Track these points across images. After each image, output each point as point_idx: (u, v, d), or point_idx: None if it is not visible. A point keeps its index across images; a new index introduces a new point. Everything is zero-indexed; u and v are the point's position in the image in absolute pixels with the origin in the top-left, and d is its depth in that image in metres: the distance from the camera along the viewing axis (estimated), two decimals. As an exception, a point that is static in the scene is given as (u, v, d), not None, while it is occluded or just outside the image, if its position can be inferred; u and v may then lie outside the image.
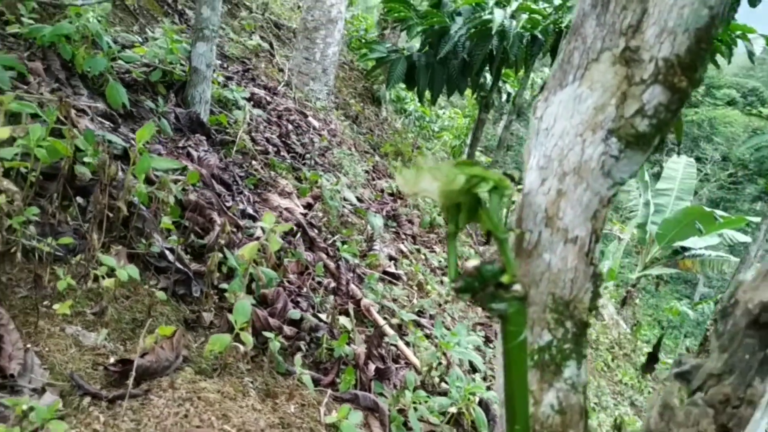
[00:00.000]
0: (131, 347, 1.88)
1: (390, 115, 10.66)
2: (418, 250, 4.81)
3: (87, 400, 1.56)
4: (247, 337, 1.94)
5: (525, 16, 6.12)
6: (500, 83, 8.43)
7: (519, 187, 1.02)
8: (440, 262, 4.78)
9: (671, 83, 0.86)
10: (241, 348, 2.01)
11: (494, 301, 0.89)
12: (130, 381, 1.58)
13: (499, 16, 5.90)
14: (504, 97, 9.00)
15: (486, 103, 7.93)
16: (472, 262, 0.89)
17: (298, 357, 2.22)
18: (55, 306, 1.76)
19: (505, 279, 0.88)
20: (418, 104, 13.74)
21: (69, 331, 1.76)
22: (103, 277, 1.87)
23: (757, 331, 0.92)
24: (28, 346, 1.61)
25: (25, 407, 1.18)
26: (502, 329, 0.92)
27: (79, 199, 2.28)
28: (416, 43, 7.52)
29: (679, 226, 10.41)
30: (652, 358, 1.07)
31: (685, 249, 11.34)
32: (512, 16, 6.09)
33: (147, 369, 1.72)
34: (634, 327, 8.26)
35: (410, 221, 5.47)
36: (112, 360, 1.72)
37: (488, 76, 7.34)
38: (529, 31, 6.31)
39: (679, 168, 12.19)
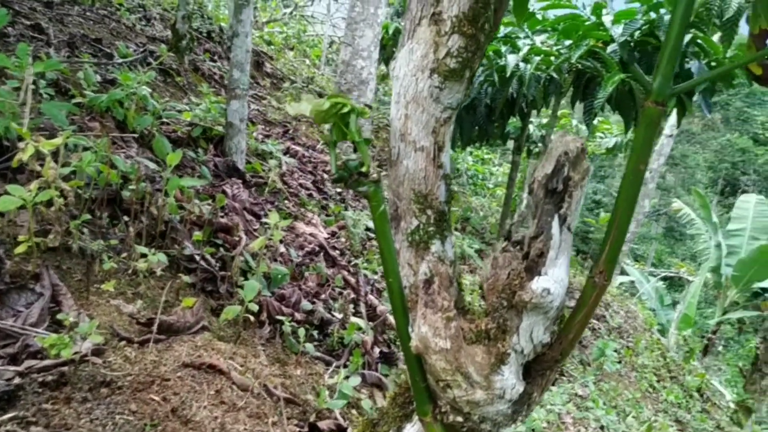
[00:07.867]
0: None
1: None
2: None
3: (122, 343, 2.02)
4: (254, 306, 2.38)
5: (537, 59, 6.57)
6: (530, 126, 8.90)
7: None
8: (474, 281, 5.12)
9: (463, 32, 1.30)
10: (252, 319, 2.46)
11: (359, 185, 1.32)
12: (154, 328, 2.05)
13: (512, 60, 6.40)
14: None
15: (518, 146, 8.34)
16: (341, 159, 1.33)
17: (301, 331, 2.62)
18: (103, 286, 2.26)
19: (364, 169, 1.31)
20: (470, 162, 14.17)
21: (113, 302, 2.25)
22: (139, 265, 2.38)
23: (551, 198, 1.31)
24: (81, 310, 2.11)
25: (71, 320, 1.65)
26: (370, 205, 1.34)
27: (125, 218, 2.82)
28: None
29: (755, 266, 9.85)
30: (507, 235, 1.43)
31: (765, 290, 10.56)
32: (525, 60, 6.56)
33: (171, 326, 2.18)
34: (686, 354, 8.19)
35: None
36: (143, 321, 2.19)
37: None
38: (543, 72, 6.76)
39: (749, 207, 11.42)
